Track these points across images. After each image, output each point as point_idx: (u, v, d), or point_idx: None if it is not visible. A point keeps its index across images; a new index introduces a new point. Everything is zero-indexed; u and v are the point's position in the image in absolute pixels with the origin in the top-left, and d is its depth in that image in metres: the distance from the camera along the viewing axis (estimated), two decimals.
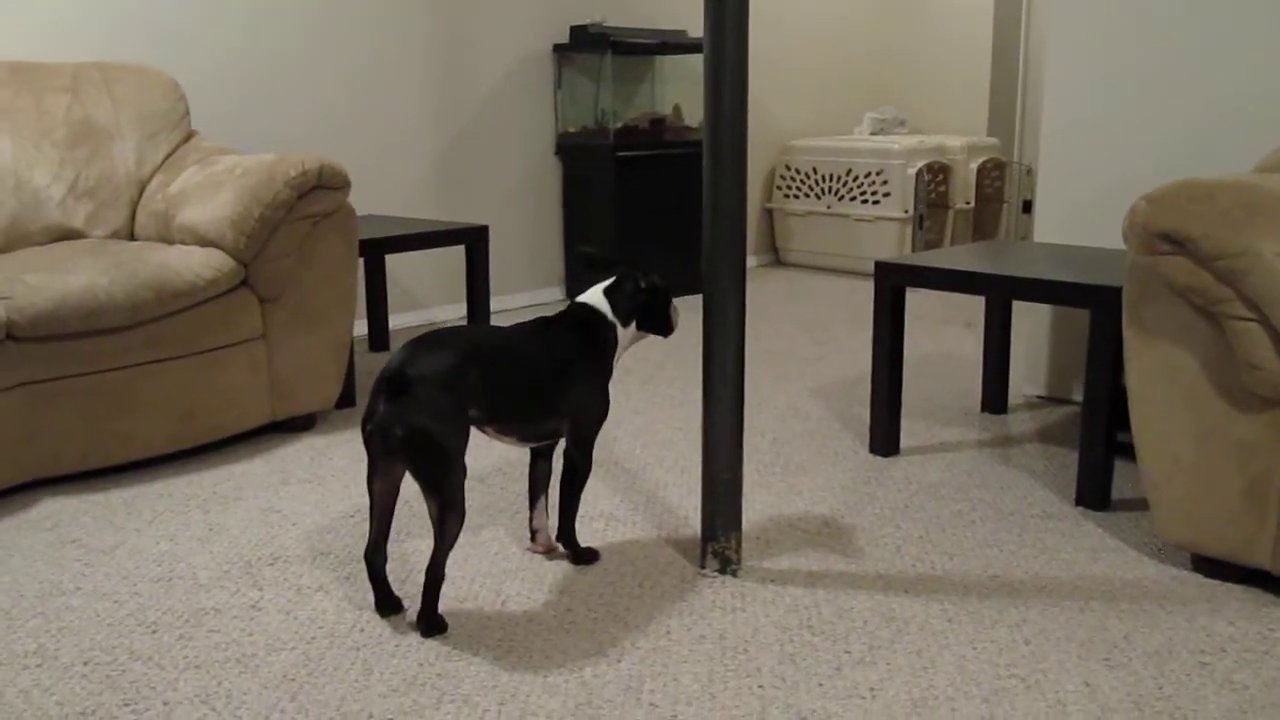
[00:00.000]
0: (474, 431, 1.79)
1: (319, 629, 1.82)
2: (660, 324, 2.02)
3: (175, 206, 2.82)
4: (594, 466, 2.58)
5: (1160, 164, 2.87)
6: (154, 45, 3.46)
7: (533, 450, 2.03)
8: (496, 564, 2.06)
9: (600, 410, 1.96)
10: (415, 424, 1.66)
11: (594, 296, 1.98)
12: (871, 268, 2.75)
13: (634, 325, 2.00)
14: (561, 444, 1.99)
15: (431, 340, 1.77)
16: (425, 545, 2.12)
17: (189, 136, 3.14)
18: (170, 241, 2.81)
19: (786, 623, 1.84)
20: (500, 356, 1.81)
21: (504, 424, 1.85)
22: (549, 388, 1.87)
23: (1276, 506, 1.87)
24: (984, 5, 5.65)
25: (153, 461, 2.62)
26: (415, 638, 1.78)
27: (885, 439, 2.66)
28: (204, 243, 2.69)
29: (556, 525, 2.07)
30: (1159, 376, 1.95)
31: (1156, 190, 1.90)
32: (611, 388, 3.17)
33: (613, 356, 1.98)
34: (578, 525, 2.12)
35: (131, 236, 2.97)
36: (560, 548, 2.08)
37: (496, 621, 1.84)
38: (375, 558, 1.82)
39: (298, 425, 2.85)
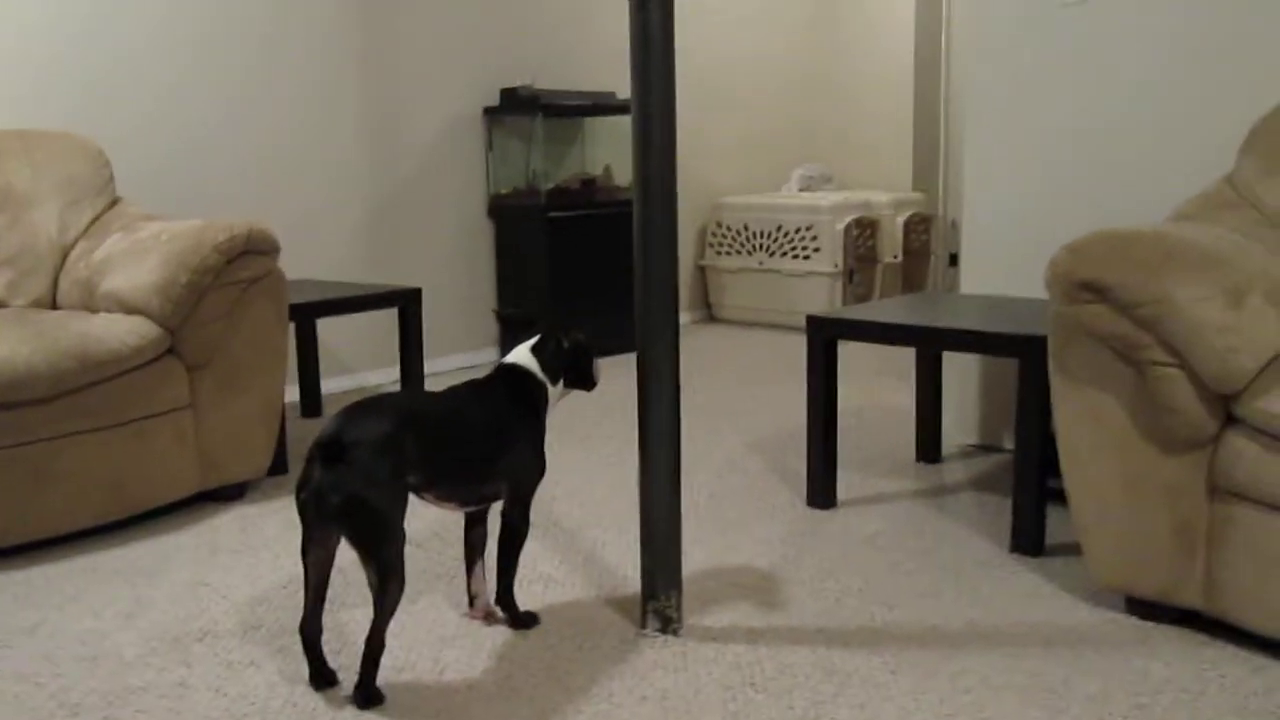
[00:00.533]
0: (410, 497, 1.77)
1: (250, 705, 1.77)
2: (584, 379, 2.03)
3: (99, 274, 2.77)
4: (531, 528, 2.56)
5: (1080, 215, 2.96)
6: (74, 107, 3.42)
7: (468, 514, 2.01)
8: (434, 631, 2.03)
9: (538, 470, 1.96)
10: (352, 490, 1.64)
11: (521, 356, 1.98)
12: (803, 322, 2.78)
13: (561, 382, 2.00)
14: (497, 506, 1.98)
15: (367, 406, 1.75)
16: (361, 615, 2.08)
17: (114, 203, 3.09)
18: (94, 310, 2.75)
19: (729, 681, 1.83)
20: (437, 421, 1.80)
21: (444, 489, 1.83)
22: (487, 450, 1.86)
23: (1205, 546, 1.91)
24: (904, 66, 5.80)
25: (77, 536, 2.55)
26: (351, 711, 1.74)
27: (822, 491, 2.67)
28: (129, 310, 2.64)
29: (495, 589, 2.05)
30: (1086, 422, 1.99)
31: (1076, 240, 1.95)
32: (546, 447, 3.16)
33: (545, 414, 1.98)
34: (516, 588, 2.10)
35: (54, 305, 2.91)
36: (499, 612, 2.05)
37: (435, 691, 1.81)
38: (310, 630, 1.78)
39: (228, 494, 2.79)
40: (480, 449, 1.86)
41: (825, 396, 2.62)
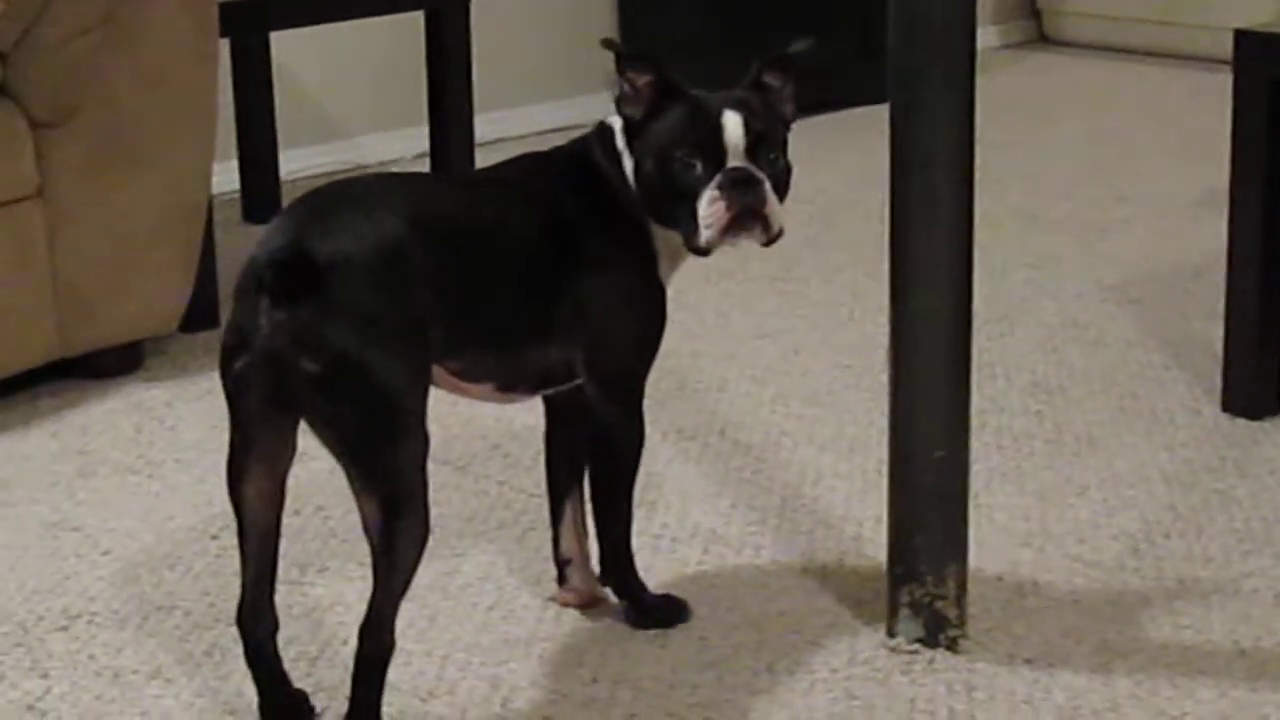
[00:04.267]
0: None
1: None
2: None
3: None
4: (678, 438, 2.58)
5: None
6: None
7: (550, 405, 2.05)
8: (491, 627, 2.07)
9: (645, 324, 1.97)
10: (339, 349, 1.68)
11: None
12: (1228, 47, 2.68)
13: None
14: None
15: (345, 197, 1.79)
16: (353, 590, 2.13)
17: None
18: None
19: None
20: (463, 228, 1.84)
21: (471, 357, 1.86)
22: (539, 281, 1.89)
23: None
24: None
25: None
26: None
27: (1254, 385, 2.64)
28: None
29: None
30: None
31: None
32: (702, 285, 3.16)
33: None
34: (640, 553, 2.12)
35: None
36: (609, 595, 2.09)
37: None
38: (256, 622, 1.83)
39: (109, 365, 2.87)
40: (531, 280, 1.89)
41: (1269, 197, 2.56)
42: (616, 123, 1.96)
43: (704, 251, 1.89)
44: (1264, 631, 2.04)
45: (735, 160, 1.86)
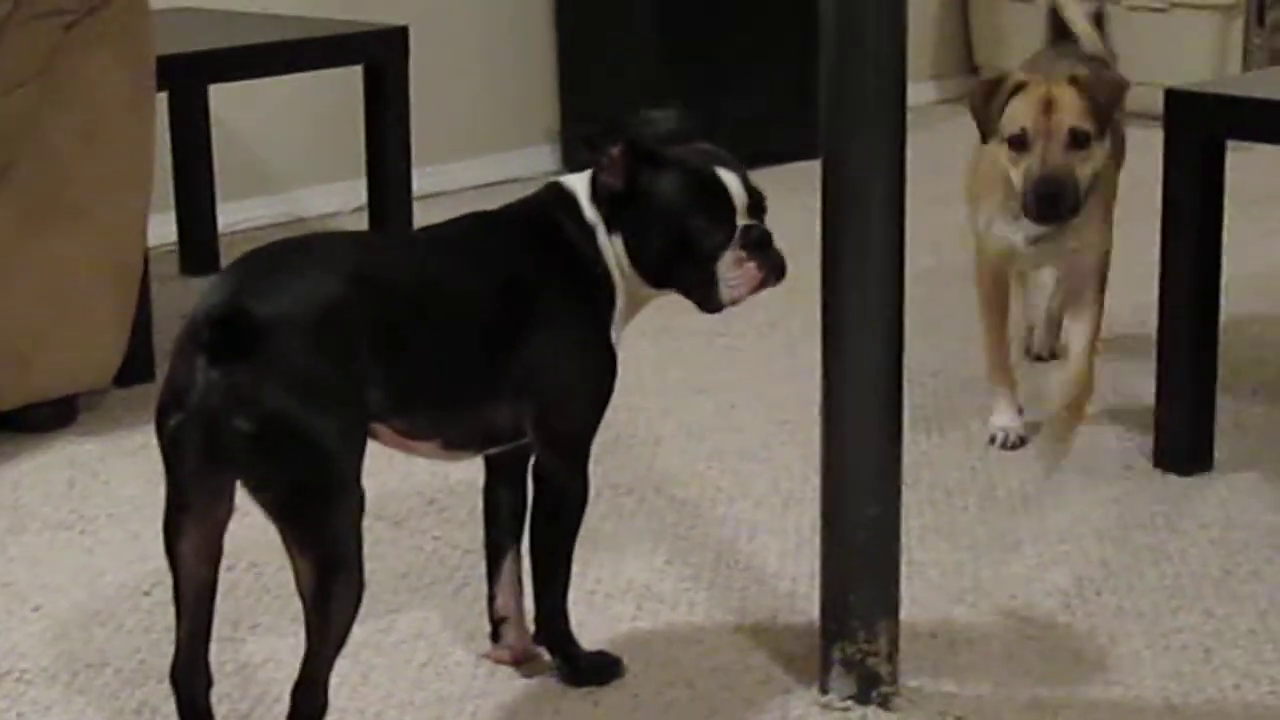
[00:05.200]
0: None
1: None
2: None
3: None
4: (613, 493, 2.58)
5: None
6: None
7: (490, 462, 2.04)
8: (424, 684, 2.07)
9: (595, 384, 1.98)
10: (274, 409, 1.68)
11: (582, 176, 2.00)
12: (1159, 103, 2.71)
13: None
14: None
15: (288, 255, 1.80)
16: (286, 647, 2.12)
17: None
18: None
19: None
20: (409, 288, 1.85)
21: (417, 416, 1.87)
22: (490, 341, 1.90)
23: None
24: None
25: None
26: None
27: (1186, 441, 2.65)
28: None
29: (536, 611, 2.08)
30: None
31: None
32: (639, 340, 3.16)
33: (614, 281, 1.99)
34: (575, 608, 2.12)
35: None
36: (542, 654, 2.09)
37: None
38: (191, 679, 1.83)
39: (42, 419, 2.86)
40: (479, 338, 1.89)
41: (1200, 254, 2.59)
42: (576, 187, 1.97)
43: (718, 309, 1.96)
44: (1193, 688, 2.05)
45: (743, 219, 1.92)
